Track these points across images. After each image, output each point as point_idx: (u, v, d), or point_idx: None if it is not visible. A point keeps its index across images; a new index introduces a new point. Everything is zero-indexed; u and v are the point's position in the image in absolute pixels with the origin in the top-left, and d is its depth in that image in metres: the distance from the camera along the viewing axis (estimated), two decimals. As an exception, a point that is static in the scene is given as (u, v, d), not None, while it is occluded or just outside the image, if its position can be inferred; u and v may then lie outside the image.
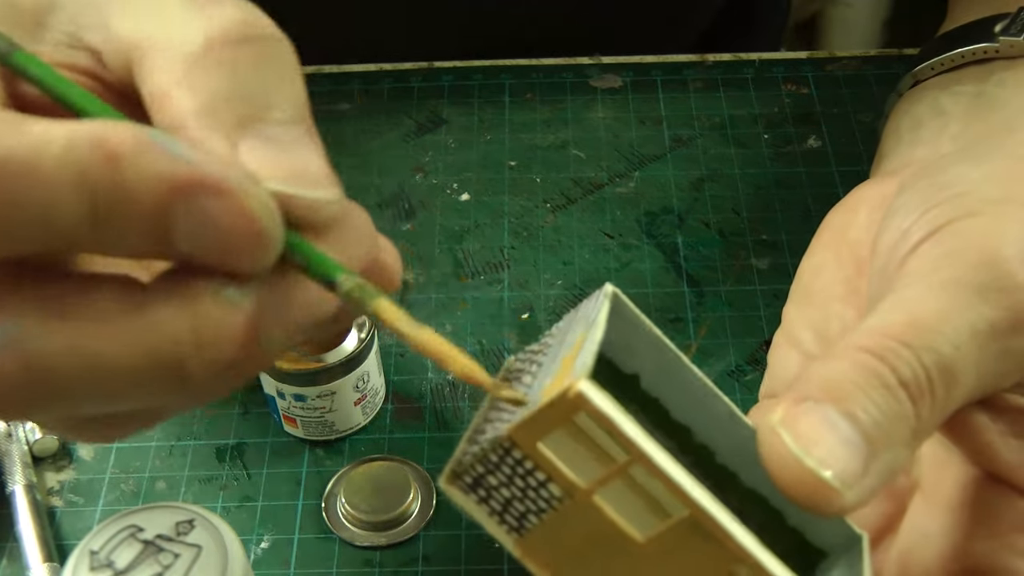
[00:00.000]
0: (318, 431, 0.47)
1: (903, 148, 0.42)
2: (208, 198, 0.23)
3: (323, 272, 0.25)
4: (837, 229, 0.41)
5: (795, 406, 0.28)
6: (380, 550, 0.44)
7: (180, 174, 0.23)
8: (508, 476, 0.27)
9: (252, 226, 0.23)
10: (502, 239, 0.55)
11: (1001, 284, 0.31)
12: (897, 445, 0.28)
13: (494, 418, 0.28)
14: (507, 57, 0.65)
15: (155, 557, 0.33)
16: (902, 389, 0.29)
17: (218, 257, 0.24)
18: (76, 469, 0.47)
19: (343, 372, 0.45)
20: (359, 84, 0.64)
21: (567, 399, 0.26)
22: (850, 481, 0.27)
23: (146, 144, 0.23)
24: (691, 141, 0.60)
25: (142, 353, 0.24)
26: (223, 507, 0.46)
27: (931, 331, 0.29)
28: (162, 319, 0.24)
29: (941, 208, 0.34)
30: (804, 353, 0.39)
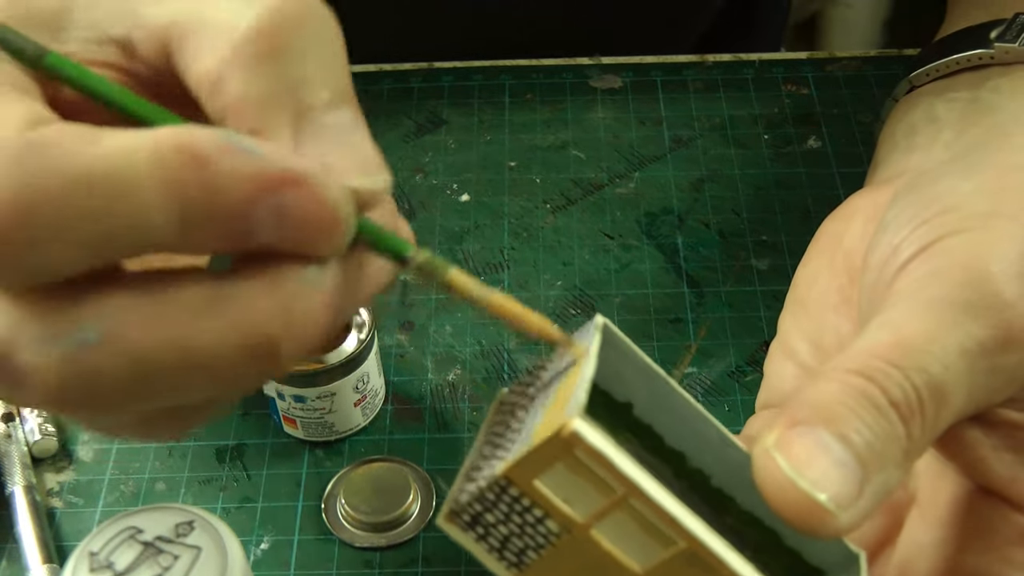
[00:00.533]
0: (318, 432, 0.47)
1: (897, 155, 0.42)
2: (289, 192, 0.24)
3: (395, 249, 0.26)
4: (832, 238, 0.41)
5: (788, 429, 0.28)
6: (380, 551, 0.44)
7: (264, 172, 0.23)
8: (505, 513, 0.27)
9: (330, 214, 0.24)
10: (502, 240, 0.55)
11: (988, 302, 0.31)
12: (890, 466, 0.28)
13: (489, 454, 0.29)
14: (507, 58, 0.65)
15: (155, 558, 0.33)
16: (893, 410, 0.29)
17: (298, 245, 0.24)
18: (76, 470, 0.47)
19: (343, 373, 0.45)
20: (359, 84, 0.63)
21: (561, 438, 0.26)
22: (845, 503, 0.27)
23: (227, 146, 0.23)
24: (691, 142, 0.60)
25: (237, 338, 0.24)
26: (223, 508, 0.46)
27: (919, 351, 0.30)
28: (253, 304, 0.24)
29: (930, 224, 0.34)
30: (800, 364, 0.39)
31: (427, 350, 0.51)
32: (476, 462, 0.29)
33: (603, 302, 0.53)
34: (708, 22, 0.72)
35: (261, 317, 0.24)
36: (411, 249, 0.27)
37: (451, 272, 0.27)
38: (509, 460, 0.27)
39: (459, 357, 0.51)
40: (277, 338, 0.24)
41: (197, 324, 0.24)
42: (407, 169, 0.59)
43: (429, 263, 0.27)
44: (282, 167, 0.24)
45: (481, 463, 0.29)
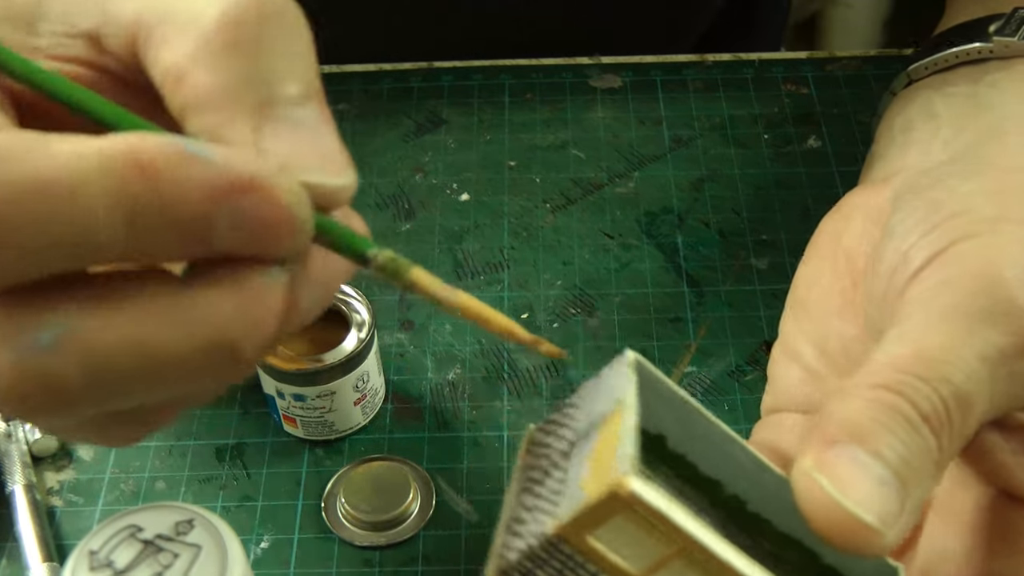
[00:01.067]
0: (318, 431, 0.47)
1: (894, 151, 0.42)
2: (243, 198, 0.23)
3: (355, 248, 0.26)
4: (831, 237, 0.41)
5: (825, 450, 0.28)
6: (380, 550, 0.44)
7: (217, 179, 0.23)
8: (558, 570, 0.27)
9: (286, 217, 0.24)
10: (502, 239, 0.55)
11: (1004, 308, 0.31)
12: (925, 480, 0.28)
13: (532, 506, 0.28)
14: (507, 57, 0.65)
15: (155, 557, 0.33)
16: (925, 424, 0.29)
17: (255, 249, 0.24)
18: (76, 469, 0.47)
19: (343, 372, 0.45)
20: (359, 84, 0.64)
21: (619, 497, 0.25)
22: (890, 521, 0.27)
23: (179, 153, 0.23)
24: (691, 141, 0.60)
25: (196, 341, 0.24)
26: (223, 507, 0.46)
27: (942, 362, 0.30)
28: (212, 306, 0.24)
29: (940, 230, 0.33)
30: (805, 368, 0.39)
31: (427, 349, 0.51)
32: (517, 513, 0.29)
33: (603, 301, 0.53)
34: (708, 22, 0.72)
35: (221, 320, 0.24)
36: (372, 247, 0.26)
37: (413, 271, 0.26)
38: (562, 518, 0.26)
39: (459, 356, 0.51)
40: (237, 340, 0.24)
41: (156, 327, 0.24)
42: (407, 169, 0.59)
43: (391, 262, 0.26)
44: (236, 173, 0.23)
45: (524, 515, 0.28)
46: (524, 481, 0.30)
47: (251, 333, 0.24)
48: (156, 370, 0.24)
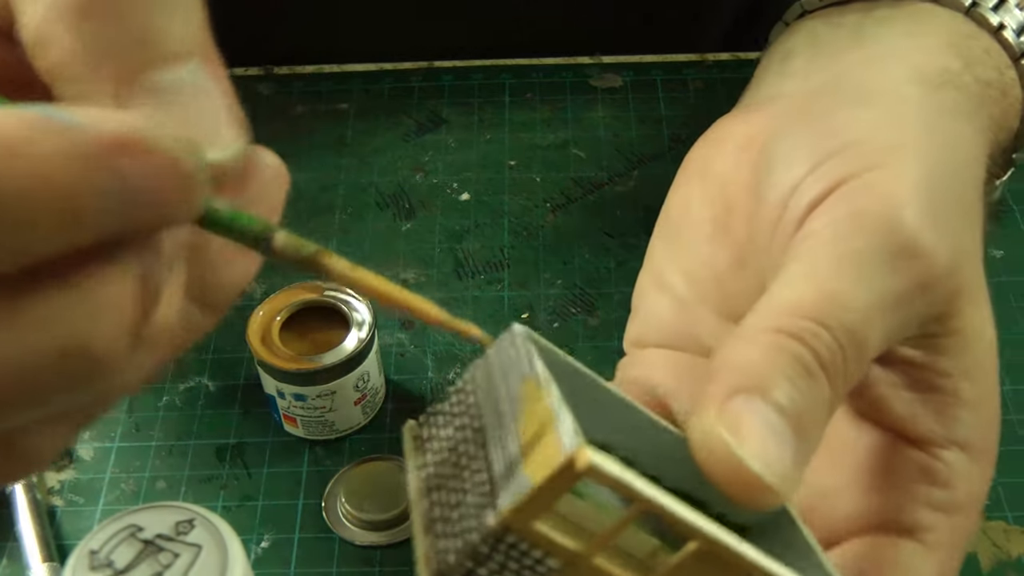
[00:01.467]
0: (318, 431, 0.47)
1: (771, 79, 0.42)
2: (122, 157, 0.20)
3: (246, 230, 0.23)
4: (702, 164, 0.40)
5: (726, 401, 0.28)
6: (380, 549, 0.44)
7: (87, 143, 0.20)
8: (501, 563, 0.26)
9: (174, 171, 0.21)
10: (502, 239, 0.55)
11: (907, 252, 0.31)
12: (817, 428, 0.29)
13: (457, 501, 0.27)
14: (507, 57, 0.65)
15: (155, 557, 0.33)
16: (823, 372, 0.29)
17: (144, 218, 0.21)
18: (76, 469, 0.47)
19: (343, 372, 0.45)
20: (359, 84, 0.64)
21: (575, 471, 0.25)
22: (787, 475, 0.27)
23: (43, 123, 0.20)
24: (691, 140, 0.60)
25: (41, 350, 0.21)
26: (223, 506, 0.46)
27: (845, 309, 0.29)
28: (52, 305, 0.21)
29: (835, 160, 0.33)
30: (675, 298, 0.38)
31: (427, 349, 0.51)
32: (438, 514, 0.28)
33: (603, 301, 0.53)
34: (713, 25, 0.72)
35: (62, 323, 0.21)
36: (270, 230, 0.23)
37: (322, 253, 0.24)
38: (506, 507, 0.25)
39: (459, 356, 0.51)
40: (88, 343, 0.21)
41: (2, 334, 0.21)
42: (407, 168, 0.59)
43: (292, 245, 0.23)
44: (107, 132, 0.20)
45: (450, 514, 0.27)
46: (431, 479, 0.28)
47: (101, 333, 0.21)
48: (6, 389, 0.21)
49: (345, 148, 0.60)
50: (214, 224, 0.23)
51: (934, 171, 0.33)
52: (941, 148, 0.34)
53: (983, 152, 0.36)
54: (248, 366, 0.50)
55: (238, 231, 0.23)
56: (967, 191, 0.35)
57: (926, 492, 0.33)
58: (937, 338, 0.33)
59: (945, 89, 0.36)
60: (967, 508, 0.33)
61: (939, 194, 0.33)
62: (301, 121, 0.62)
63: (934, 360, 0.33)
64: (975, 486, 0.33)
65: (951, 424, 0.33)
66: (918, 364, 0.33)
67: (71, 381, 0.22)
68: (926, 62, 0.37)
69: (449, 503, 0.27)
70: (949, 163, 0.34)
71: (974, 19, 0.39)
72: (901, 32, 0.39)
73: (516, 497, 0.25)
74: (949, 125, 0.35)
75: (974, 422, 0.33)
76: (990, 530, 0.44)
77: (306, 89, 0.63)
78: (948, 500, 0.33)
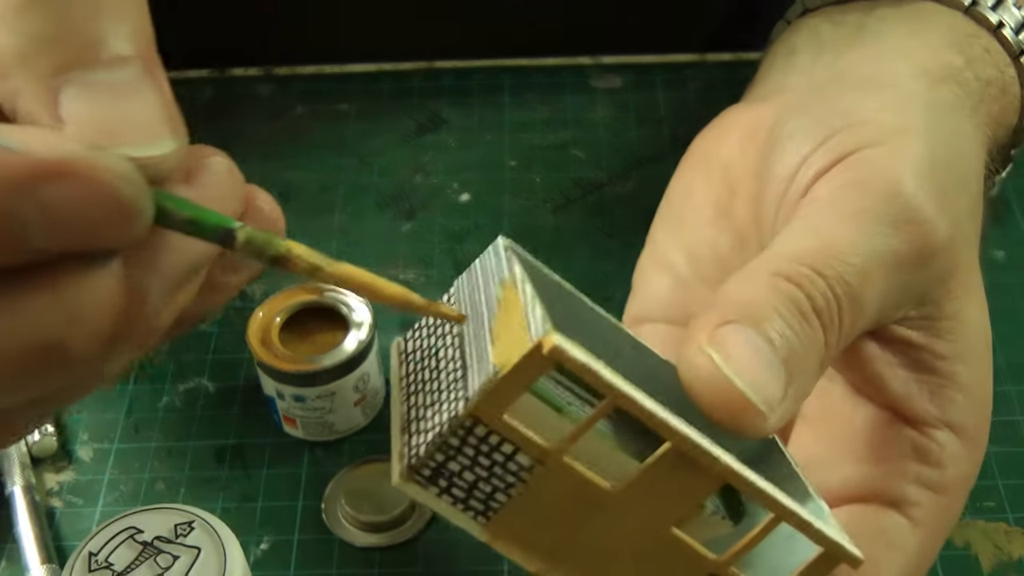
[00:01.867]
0: (318, 432, 0.47)
1: (776, 74, 0.42)
2: (53, 185, 0.20)
3: (209, 226, 0.23)
4: (706, 151, 0.41)
5: (718, 328, 0.28)
6: (380, 551, 0.44)
7: (14, 167, 0.20)
8: (472, 457, 0.26)
9: (110, 201, 0.21)
10: (502, 239, 0.55)
11: (908, 216, 0.31)
12: (808, 373, 0.29)
13: (432, 401, 0.27)
14: (507, 57, 0.65)
15: (154, 559, 0.32)
16: (816, 317, 0.29)
17: (83, 244, 0.21)
18: (75, 470, 0.47)
19: (343, 373, 0.45)
20: (359, 84, 0.64)
21: (541, 356, 0.24)
22: (773, 405, 0.27)
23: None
24: (691, 141, 0.60)
25: (14, 341, 0.22)
26: (223, 508, 0.46)
27: (842, 261, 0.30)
28: (27, 303, 0.22)
29: (841, 136, 0.34)
30: (675, 276, 0.39)
31: (427, 350, 0.51)
32: (414, 414, 0.27)
33: (603, 302, 0.52)
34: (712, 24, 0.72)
35: (37, 320, 0.22)
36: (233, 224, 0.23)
37: (287, 244, 0.24)
38: (475, 396, 0.25)
39: (459, 357, 0.50)
40: (63, 339, 0.22)
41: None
42: (407, 169, 0.59)
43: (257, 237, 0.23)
44: (38, 158, 0.20)
45: (425, 412, 0.27)
46: (411, 386, 0.28)
47: (76, 331, 0.22)
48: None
49: (345, 149, 0.60)
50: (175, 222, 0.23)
51: (937, 154, 0.34)
52: (944, 136, 0.35)
53: (982, 148, 0.37)
54: (248, 367, 0.50)
55: (198, 227, 0.23)
56: (968, 179, 0.35)
57: (916, 469, 0.33)
58: (935, 321, 0.33)
59: (947, 84, 0.37)
60: (955, 490, 0.34)
61: (941, 175, 0.33)
62: (301, 122, 0.62)
63: (931, 342, 0.33)
64: (964, 469, 0.34)
65: (945, 405, 0.33)
66: (916, 345, 0.33)
67: (44, 374, 0.22)
68: (929, 59, 0.37)
69: (425, 404, 0.27)
70: (951, 151, 0.35)
71: (974, 17, 0.40)
72: (904, 30, 0.40)
73: (484, 384, 0.25)
74: (951, 118, 0.36)
75: (967, 406, 0.34)
76: (991, 531, 0.44)
77: (306, 90, 0.63)
78: (937, 479, 0.33)
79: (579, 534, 0.27)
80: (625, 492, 0.27)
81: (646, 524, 0.27)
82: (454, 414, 0.26)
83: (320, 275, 0.24)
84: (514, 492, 0.27)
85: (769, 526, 0.27)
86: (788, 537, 0.29)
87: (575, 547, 0.28)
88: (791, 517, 0.27)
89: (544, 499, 0.27)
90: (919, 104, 0.35)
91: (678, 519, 0.27)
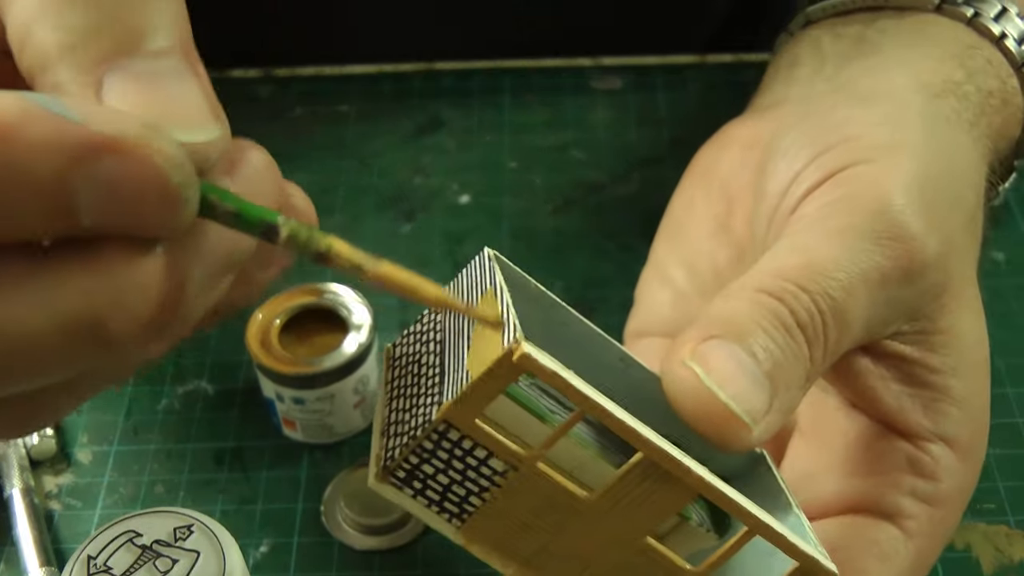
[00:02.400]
0: (317, 434, 0.47)
1: (777, 86, 0.43)
2: (105, 159, 0.21)
3: (255, 220, 0.23)
4: (707, 165, 0.41)
5: (701, 343, 0.28)
6: (379, 554, 0.44)
7: (74, 138, 0.21)
8: (445, 461, 0.26)
9: (159, 183, 0.21)
10: (502, 241, 0.55)
11: (894, 233, 0.32)
12: (793, 387, 0.29)
13: (409, 406, 0.27)
14: (507, 58, 0.65)
15: (152, 563, 0.32)
16: (800, 331, 0.29)
17: (125, 223, 0.22)
18: (74, 473, 0.47)
19: (342, 375, 0.45)
20: (359, 86, 0.63)
21: (511, 363, 0.25)
22: (757, 417, 0.28)
23: (31, 111, 0.20)
24: (691, 142, 0.60)
25: (56, 317, 0.22)
26: (222, 511, 0.45)
27: (827, 276, 0.30)
28: (73, 278, 0.22)
29: (833, 152, 0.34)
30: (676, 291, 0.39)
31: (427, 352, 0.51)
32: (394, 418, 0.28)
33: (603, 303, 0.52)
34: (713, 25, 0.72)
35: (81, 296, 0.22)
36: (277, 217, 0.23)
37: (330, 240, 0.24)
38: (448, 401, 0.25)
39: (459, 359, 0.50)
40: (102, 320, 0.22)
41: (9, 300, 0.22)
42: (407, 170, 0.59)
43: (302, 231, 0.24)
44: (95, 131, 0.21)
45: (403, 416, 0.27)
46: (393, 391, 0.29)
47: (118, 313, 0.22)
48: (15, 352, 0.22)
49: (345, 150, 0.60)
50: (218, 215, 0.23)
51: (929, 170, 0.34)
52: (938, 151, 0.35)
53: (982, 160, 0.37)
54: (247, 370, 0.50)
55: (245, 220, 0.23)
56: (963, 194, 0.35)
57: (911, 482, 0.33)
58: (928, 335, 0.33)
59: (946, 98, 0.37)
60: (950, 503, 0.34)
61: (931, 191, 0.33)
62: (300, 123, 0.62)
63: (925, 356, 0.33)
64: (959, 481, 0.34)
65: (939, 419, 0.33)
66: (909, 359, 0.33)
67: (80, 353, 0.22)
68: (929, 71, 0.38)
69: (404, 407, 0.28)
70: (945, 166, 0.35)
71: (976, 29, 0.40)
72: (905, 43, 0.40)
73: (457, 390, 0.25)
74: (948, 132, 0.36)
75: (962, 419, 0.34)
76: (992, 534, 0.44)
77: (306, 91, 0.63)
78: (932, 492, 0.33)
79: (556, 541, 0.28)
80: (601, 500, 0.27)
81: (622, 533, 0.27)
82: (428, 418, 0.26)
83: (361, 273, 0.24)
84: (488, 496, 0.27)
85: (743, 539, 0.27)
86: (768, 554, 0.29)
87: (552, 554, 0.28)
88: (764, 529, 0.27)
89: (519, 504, 0.27)
90: (915, 118, 0.35)
91: (655, 529, 0.27)
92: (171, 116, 0.23)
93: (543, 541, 0.28)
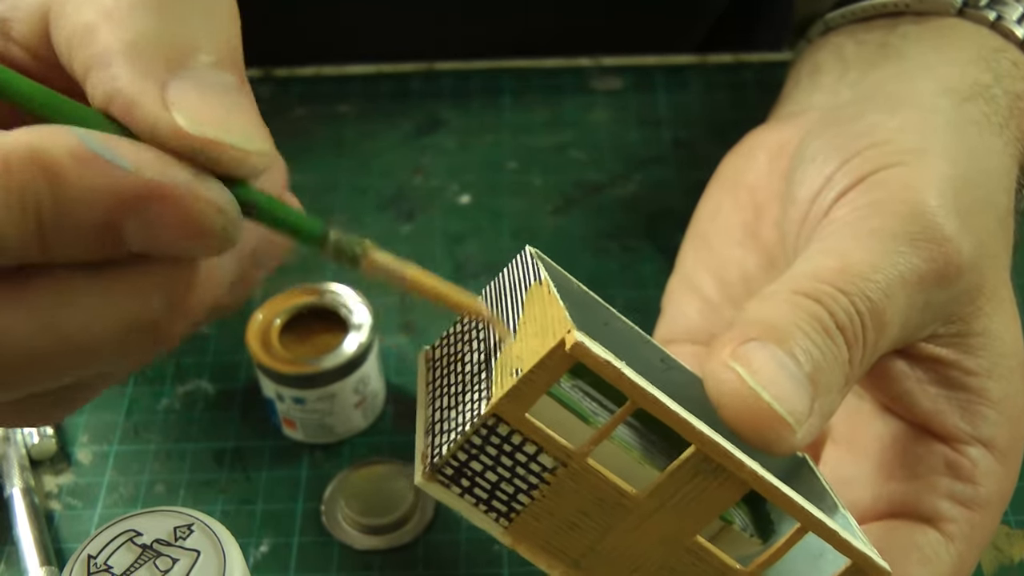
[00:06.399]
0: (318, 434, 0.47)
1: (800, 93, 0.43)
2: (156, 205, 0.23)
3: (307, 231, 0.25)
4: (734, 173, 0.41)
5: (742, 345, 0.28)
6: (380, 554, 0.44)
7: (124, 187, 0.22)
8: (494, 457, 0.26)
9: (208, 228, 0.23)
10: (502, 241, 0.55)
11: (928, 235, 0.31)
12: (833, 390, 0.29)
13: (454, 404, 0.27)
14: (507, 58, 0.65)
15: (153, 562, 0.32)
16: (840, 333, 0.29)
17: (170, 253, 0.24)
18: (74, 472, 0.47)
19: (343, 375, 0.45)
20: (358, 86, 0.63)
21: (563, 353, 0.24)
22: (800, 419, 0.27)
23: (84, 154, 0.22)
24: (692, 142, 0.60)
25: (115, 320, 0.24)
26: (222, 510, 0.45)
27: (864, 279, 0.30)
28: (131, 284, 0.24)
29: (863, 156, 0.34)
30: (704, 299, 0.39)
31: (427, 352, 0.51)
32: (439, 416, 0.28)
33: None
34: (710, 24, 0.72)
35: (138, 301, 0.24)
36: (324, 227, 0.25)
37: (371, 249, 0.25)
38: (497, 394, 0.25)
39: (459, 359, 0.50)
40: (156, 320, 0.24)
41: (69, 308, 0.23)
42: (407, 170, 0.59)
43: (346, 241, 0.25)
44: (142, 182, 0.22)
45: (449, 414, 0.27)
46: (437, 390, 0.29)
47: (171, 313, 0.24)
48: (73, 353, 0.24)
49: (344, 150, 0.60)
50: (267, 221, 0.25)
51: (959, 173, 0.34)
52: (969, 155, 0.35)
53: (1013, 163, 0.37)
54: (247, 369, 0.50)
55: (296, 231, 0.25)
56: (994, 197, 0.35)
57: (949, 485, 0.33)
58: (964, 337, 0.33)
59: (974, 101, 0.36)
60: (989, 506, 0.33)
61: (964, 194, 0.33)
62: (300, 123, 0.62)
63: (961, 359, 0.33)
64: (998, 485, 0.34)
65: (977, 422, 0.33)
66: (945, 362, 0.33)
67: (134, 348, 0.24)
68: (956, 75, 0.37)
69: (449, 406, 0.27)
70: (975, 169, 0.35)
71: (1000, 32, 0.39)
72: (929, 47, 0.40)
73: (507, 383, 0.25)
74: (977, 136, 0.36)
75: (1000, 421, 0.33)
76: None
77: (305, 91, 0.63)
78: (971, 495, 0.33)
79: (603, 542, 0.27)
80: (650, 498, 0.27)
81: (671, 532, 0.27)
82: (476, 413, 0.26)
83: (396, 280, 0.26)
84: (537, 494, 0.27)
85: (795, 537, 0.27)
86: (816, 556, 0.28)
87: (599, 555, 0.27)
88: (817, 526, 0.27)
89: (567, 503, 0.27)
90: (942, 122, 0.35)
91: (704, 528, 0.27)
92: (232, 127, 0.24)
93: (590, 541, 0.27)
